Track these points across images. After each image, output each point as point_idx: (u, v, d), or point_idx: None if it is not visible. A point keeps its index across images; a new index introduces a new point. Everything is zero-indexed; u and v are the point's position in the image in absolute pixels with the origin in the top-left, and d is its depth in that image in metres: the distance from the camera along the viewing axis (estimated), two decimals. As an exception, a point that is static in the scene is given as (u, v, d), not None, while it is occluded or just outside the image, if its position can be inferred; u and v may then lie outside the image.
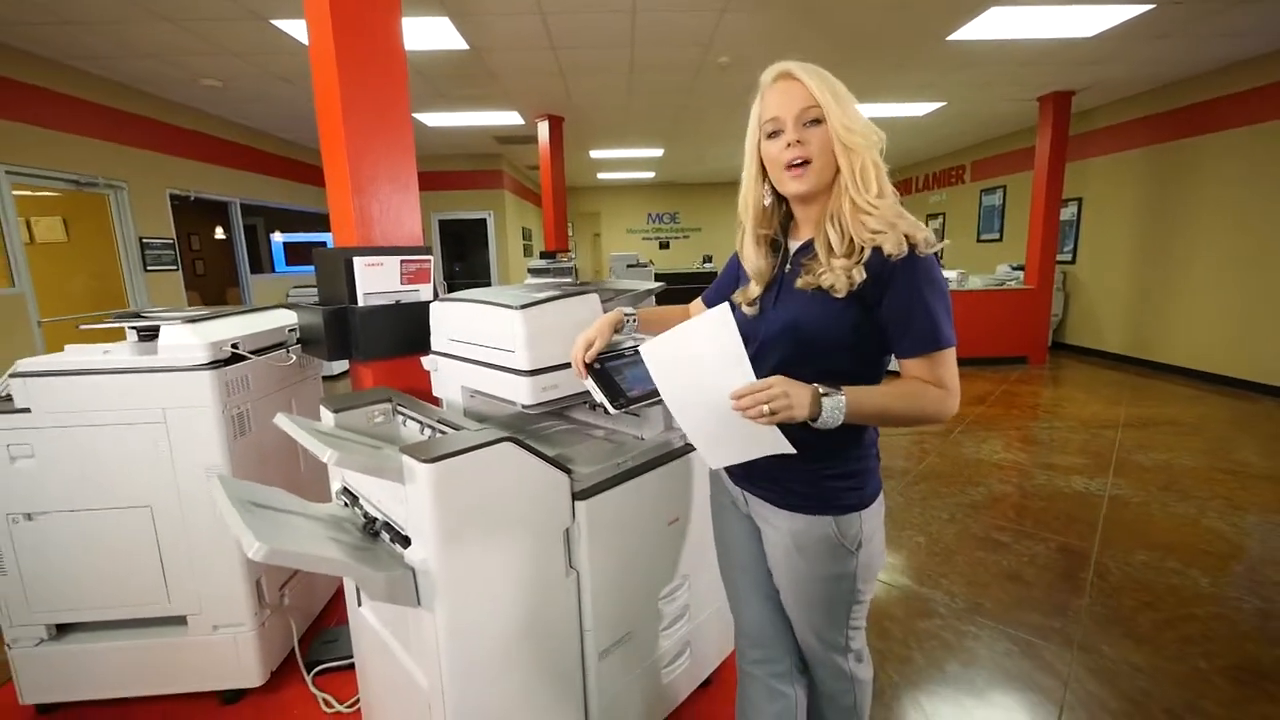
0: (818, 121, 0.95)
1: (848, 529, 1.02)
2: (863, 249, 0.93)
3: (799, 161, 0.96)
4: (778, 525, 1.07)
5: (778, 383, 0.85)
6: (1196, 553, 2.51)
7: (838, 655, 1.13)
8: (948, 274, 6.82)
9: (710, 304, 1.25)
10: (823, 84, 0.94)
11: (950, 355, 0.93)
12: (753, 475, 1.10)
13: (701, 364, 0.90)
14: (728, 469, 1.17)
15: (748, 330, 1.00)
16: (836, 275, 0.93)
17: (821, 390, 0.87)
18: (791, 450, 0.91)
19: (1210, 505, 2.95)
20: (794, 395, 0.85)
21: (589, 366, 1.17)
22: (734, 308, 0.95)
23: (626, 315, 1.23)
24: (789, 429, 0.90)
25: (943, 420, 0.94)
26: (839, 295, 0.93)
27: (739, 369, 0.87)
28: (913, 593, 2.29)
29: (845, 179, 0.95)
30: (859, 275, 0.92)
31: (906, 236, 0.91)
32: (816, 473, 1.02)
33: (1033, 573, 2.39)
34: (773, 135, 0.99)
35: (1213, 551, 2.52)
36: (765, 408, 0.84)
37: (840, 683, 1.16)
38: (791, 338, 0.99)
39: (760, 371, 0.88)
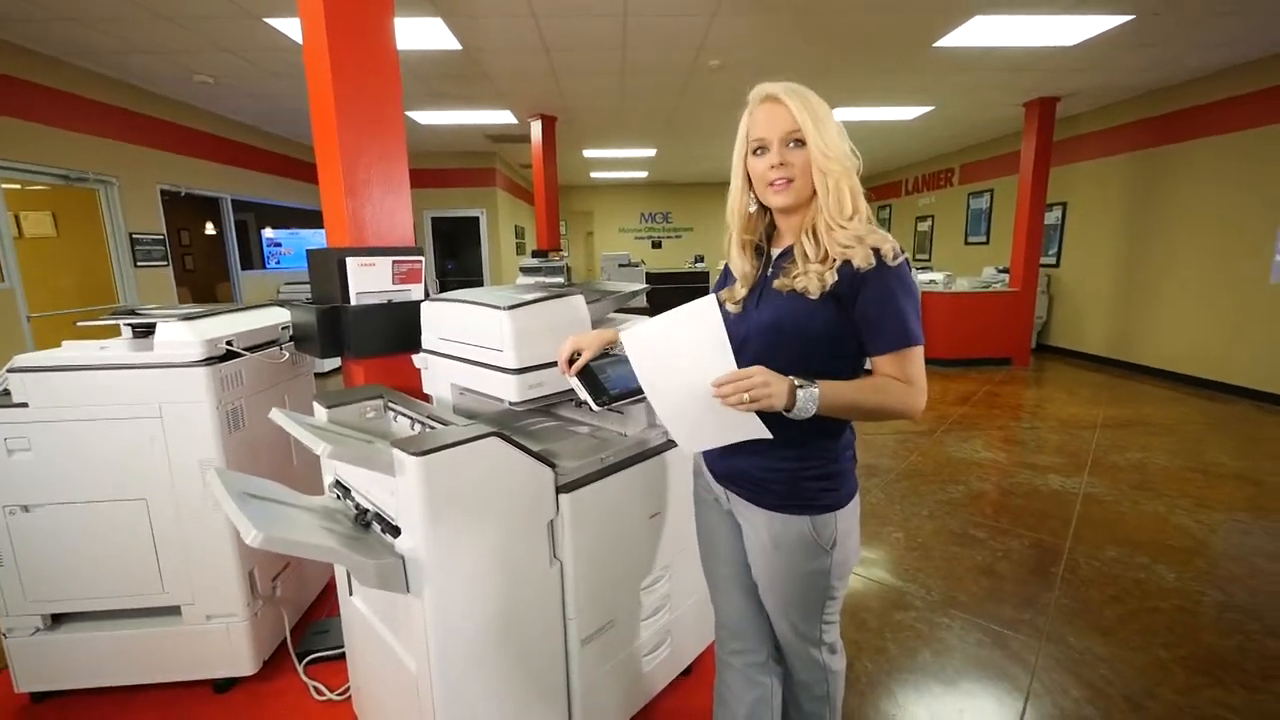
0: (800, 143, 1.01)
1: (823, 528, 1.08)
2: (835, 260, 1.00)
3: (782, 179, 1.03)
4: (757, 523, 1.13)
5: (758, 372, 0.91)
6: (1164, 548, 2.60)
7: (812, 647, 1.19)
8: (934, 276, 6.93)
9: None
10: (805, 109, 1.00)
11: (918, 353, 1.00)
12: (734, 475, 1.16)
13: (683, 351, 0.95)
14: (711, 469, 1.22)
15: (732, 328, 1.05)
16: (810, 279, 1.00)
17: (797, 382, 0.93)
18: (769, 435, 0.96)
19: (1179, 503, 3.05)
20: (773, 385, 0.91)
21: (572, 364, 1.22)
22: (720, 305, 1.00)
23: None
24: (767, 421, 0.96)
25: (911, 415, 1.00)
26: (812, 297, 1.00)
27: (722, 357, 0.92)
28: (889, 586, 2.36)
29: (821, 199, 1.02)
30: (831, 278, 0.99)
31: (875, 250, 0.97)
32: (795, 474, 1.07)
33: (1006, 567, 2.47)
34: (758, 152, 1.05)
35: (1179, 547, 2.61)
36: (746, 395, 0.89)
37: (814, 673, 1.21)
38: (773, 335, 1.05)
39: (742, 365, 0.94)
